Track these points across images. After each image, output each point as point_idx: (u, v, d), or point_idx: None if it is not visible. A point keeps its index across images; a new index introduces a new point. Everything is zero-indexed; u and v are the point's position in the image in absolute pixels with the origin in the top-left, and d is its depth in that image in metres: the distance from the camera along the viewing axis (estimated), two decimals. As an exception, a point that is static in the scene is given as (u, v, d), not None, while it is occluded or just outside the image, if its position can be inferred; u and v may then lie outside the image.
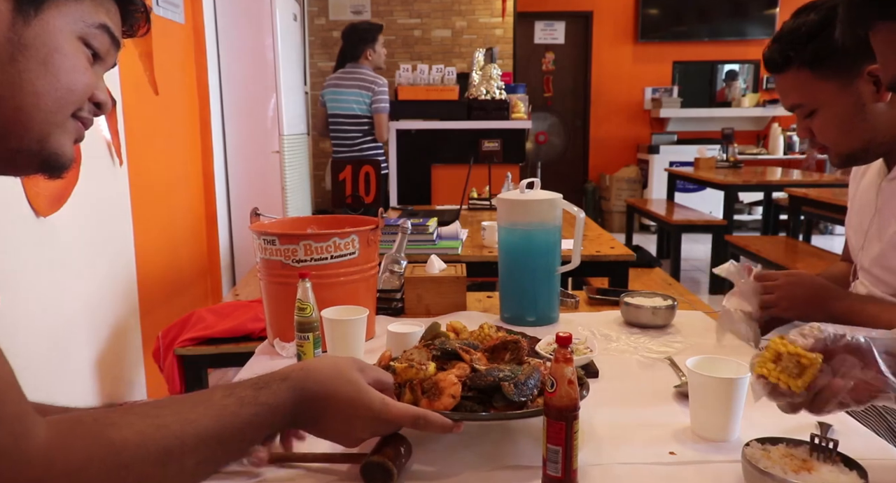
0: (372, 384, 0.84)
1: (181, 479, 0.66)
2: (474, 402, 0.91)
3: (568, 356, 0.82)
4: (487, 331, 1.12)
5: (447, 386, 0.89)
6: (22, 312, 1.85)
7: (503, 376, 0.91)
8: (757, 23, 7.62)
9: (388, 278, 1.63)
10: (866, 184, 1.34)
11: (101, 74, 0.75)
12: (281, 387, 0.76)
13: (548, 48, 7.84)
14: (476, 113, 4.55)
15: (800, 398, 0.82)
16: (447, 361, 0.99)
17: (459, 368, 0.94)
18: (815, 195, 4.17)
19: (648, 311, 1.49)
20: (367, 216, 1.50)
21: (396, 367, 0.94)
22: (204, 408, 0.69)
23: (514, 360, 1.01)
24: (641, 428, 1.02)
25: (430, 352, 1.01)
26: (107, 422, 0.63)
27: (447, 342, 1.03)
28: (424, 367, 0.93)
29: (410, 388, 0.92)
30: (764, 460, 0.82)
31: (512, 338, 1.03)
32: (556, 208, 1.53)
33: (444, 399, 0.89)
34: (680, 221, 4.92)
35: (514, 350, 1.02)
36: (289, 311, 1.19)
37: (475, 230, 2.69)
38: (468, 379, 0.92)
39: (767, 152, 7.47)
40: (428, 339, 1.12)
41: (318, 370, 0.80)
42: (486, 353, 1.02)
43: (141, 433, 0.63)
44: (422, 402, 0.90)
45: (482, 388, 0.91)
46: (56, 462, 0.57)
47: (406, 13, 6.48)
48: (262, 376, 0.78)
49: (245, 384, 0.75)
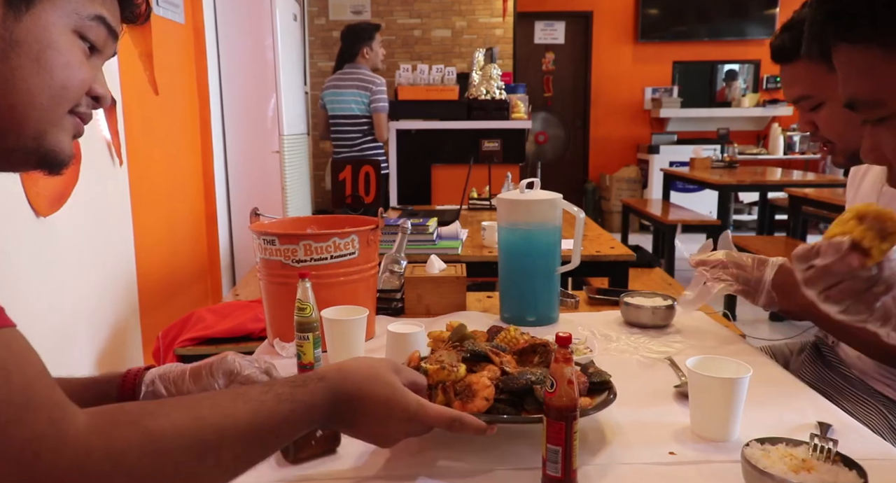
0: (407, 385, 0.83)
1: (217, 473, 0.66)
2: (506, 404, 0.91)
3: (568, 356, 0.82)
4: (514, 334, 1.12)
5: (481, 389, 0.90)
6: (22, 312, 1.84)
7: (535, 379, 0.92)
8: (757, 23, 7.62)
9: (387, 278, 1.63)
10: (867, 187, 1.33)
11: (98, 67, 0.73)
12: (318, 386, 0.75)
13: (548, 48, 7.83)
14: (476, 113, 4.55)
15: (866, 273, 0.77)
16: (476, 363, 1.00)
17: (489, 371, 0.95)
18: (815, 195, 4.17)
19: (648, 311, 1.49)
20: (367, 216, 1.49)
21: (428, 368, 0.93)
22: (242, 402, 0.69)
23: (543, 363, 1.01)
24: (641, 428, 1.02)
25: (460, 354, 1.01)
26: (145, 411, 0.63)
27: (476, 344, 1.03)
28: (456, 369, 0.93)
29: (443, 389, 0.92)
30: (763, 460, 0.82)
31: (541, 341, 1.03)
32: (556, 208, 1.53)
33: (477, 401, 0.89)
34: (675, 221, 4.92)
35: (542, 353, 1.03)
36: (289, 311, 1.20)
37: (475, 230, 2.69)
38: (500, 382, 0.92)
39: (767, 152, 7.47)
40: (455, 340, 1.12)
41: (355, 371, 0.80)
42: (515, 356, 1.02)
43: (180, 424, 0.62)
44: (455, 404, 0.90)
45: (514, 391, 0.92)
46: (95, 448, 0.57)
47: (406, 13, 6.48)
48: (299, 375, 0.80)
49: (282, 381, 0.75)
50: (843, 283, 0.79)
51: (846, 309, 0.80)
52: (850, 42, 0.74)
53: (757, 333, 3.82)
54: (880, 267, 0.78)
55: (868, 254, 0.77)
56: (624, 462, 0.92)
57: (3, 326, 0.58)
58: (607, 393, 1.00)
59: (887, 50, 0.70)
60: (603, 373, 1.03)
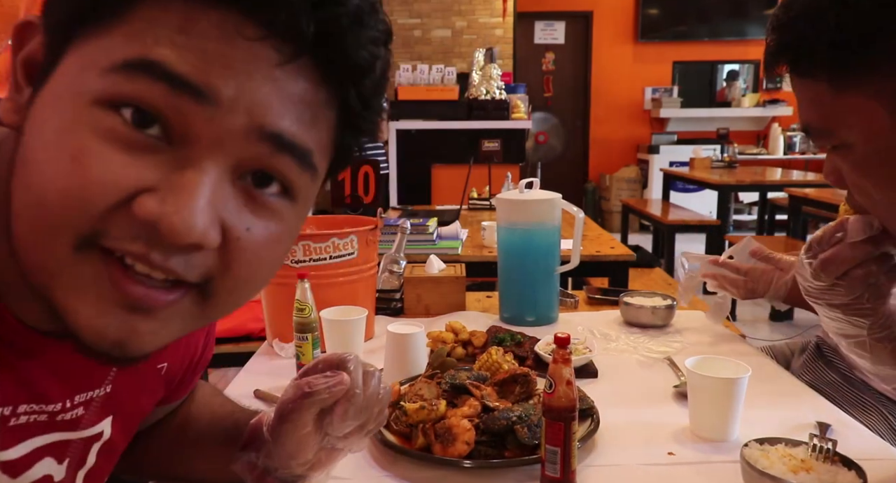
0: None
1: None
2: (487, 445, 0.91)
3: (566, 357, 0.82)
4: (496, 356, 1.11)
5: (461, 432, 0.89)
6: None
7: (516, 419, 0.91)
8: (757, 23, 7.61)
9: (387, 278, 1.63)
10: None
11: (173, 166, 0.42)
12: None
13: (548, 48, 7.83)
14: (476, 113, 4.55)
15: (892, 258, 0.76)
16: (457, 396, 0.99)
17: (470, 406, 0.94)
18: (815, 195, 4.17)
19: (648, 311, 1.49)
20: (366, 216, 1.49)
21: (408, 407, 0.93)
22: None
23: (524, 394, 1.00)
24: (640, 428, 1.02)
25: (440, 387, 1.01)
26: None
27: (456, 375, 1.02)
28: (436, 406, 0.93)
29: (423, 431, 0.92)
30: (762, 460, 0.82)
31: (521, 371, 1.02)
32: (555, 208, 1.53)
33: (458, 446, 0.89)
34: (674, 221, 4.92)
35: (523, 384, 1.01)
36: (288, 311, 1.19)
37: (475, 230, 2.69)
38: (480, 422, 0.92)
39: (767, 152, 7.46)
40: (436, 366, 1.12)
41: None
42: (496, 387, 1.01)
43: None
44: (435, 448, 0.90)
45: (495, 432, 0.91)
46: None
47: (406, 13, 6.47)
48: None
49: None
50: (862, 267, 0.77)
51: (859, 297, 0.78)
52: (799, 75, 0.75)
53: (757, 333, 3.82)
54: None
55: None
56: (623, 462, 0.92)
57: None
58: (590, 421, 0.98)
59: (832, 85, 0.71)
60: (586, 399, 1.01)
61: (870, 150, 0.72)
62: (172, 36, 0.41)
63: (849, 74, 0.69)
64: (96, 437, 0.63)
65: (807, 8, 0.70)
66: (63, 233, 0.41)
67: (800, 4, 0.71)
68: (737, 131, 7.65)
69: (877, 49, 0.67)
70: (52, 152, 0.41)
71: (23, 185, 0.42)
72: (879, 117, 0.70)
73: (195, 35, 0.41)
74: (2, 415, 0.52)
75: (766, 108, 7.62)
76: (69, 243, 0.42)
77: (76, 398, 0.58)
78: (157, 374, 0.71)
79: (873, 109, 0.70)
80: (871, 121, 0.70)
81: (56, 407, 0.55)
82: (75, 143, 0.40)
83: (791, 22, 0.72)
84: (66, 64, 0.42)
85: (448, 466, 0.89)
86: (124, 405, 0.66)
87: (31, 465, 0.55)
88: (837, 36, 0.67)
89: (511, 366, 1.09)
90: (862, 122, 0.71)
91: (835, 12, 0.66)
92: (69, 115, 0.41)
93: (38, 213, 0.41)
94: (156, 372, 0.70)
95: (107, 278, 0.43)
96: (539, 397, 0.98)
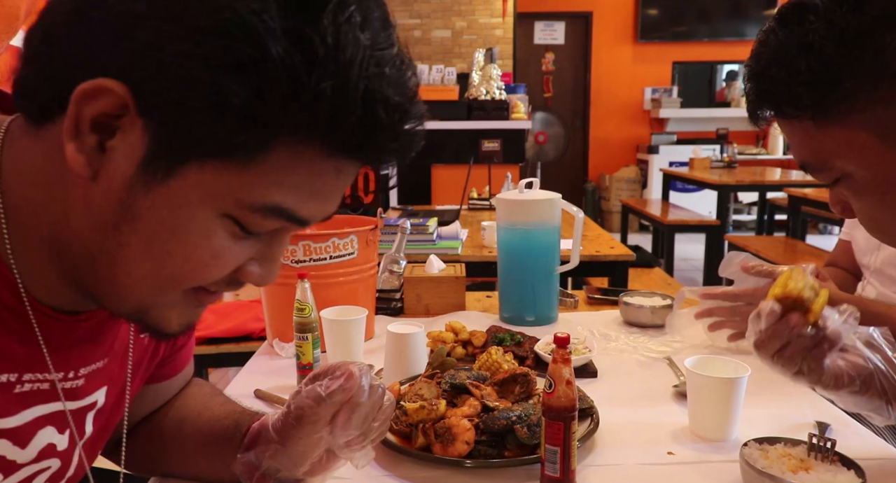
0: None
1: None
2: (487, 445, 0.91)
3: (566, 356, 0.82)
4: (496, 356, 1.11)
5: (461, 432, 0.89)
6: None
7: (515, 419, 0.91)
8: (757, 23, 7.61)
9: (387, 278, 1.63)
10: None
11: (268, 243, 0.59)
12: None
13: (548, 48, 7.83)
14: (476, 113, 4.55)
15: (809, 332, 0.79)
16: (457, 396, 0.99)
17: (470, 406, 0.94)
18: (814, 195, 4.17)
19: (648, 311, 1.49)
20: (366, 216, 1.50)
21: (408, 407, 0.93)
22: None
23: (524, 394, 1.00)
24: (640, 428, 1.02)
25: (440, 387, 1.01)
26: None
27: (456, 375, 1.02)
28: (436, 406, 0.93)
29: (423, 431, 0.92)
30: (762, 460, 0.82)
31: (521, 371, 1.02)
32: (555, 208, 1.53)
33: (458, 445, 0.89)
34: (674, 222, 4.93)
35: (523, 383, 1.01)
36: (288, 311, 1.20)
37: (475, 230, 2.69)
38: (480, 422, 0.92)
39: (767, 152, 7.47)
40: (435, 366, 1.12)
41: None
42: (496, 387, 1.01)
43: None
44: (435, 447, 0.90)
45: (495, 432, 0.91)
46: None
47: (406, 13, 6.48)
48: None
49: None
50: (790, 345, 0.80)
51: (798, 371, 0.81)
52: (784, 117, 0.77)
53: (756, 333, 3.80)
54: (821, 325, 0.80)
55: (808, 310, 0.79)
56: (622, 462, 0.92)
57: None
58: (589, 421, 0.98)
59: (816, 122, 0.73)
60: (586, 398, 1.02)
61: (868, 177, 0.75)
62: (299, 181, 0.53)
63: (830, 111, 0.72)
64: (91, 406, 0.69)
65: (775, 56, 0.73)
66: (182, 287, 0.57)
67: (768, 55, 0.74)
68: (736, 131, 7.64)
69: (850, 86, 0.69)
70: (191, 243, 0.53)
71: (151, 253, 0.54)
72: (870, 145, 0.72)
73: (317, 180, 0.54)
74: (8, 381, 0.59)
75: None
76: (182, 291, 0.58)
77: (80, 371, 0.66)
78: (144, 346, 0.77)
79: (862, 139, 0.72)
80: (863, 149, 0.73)
81: (59, 376, 0.63)
82: (216, 246, 0.54)
83: (764, 70, 0.75)
84: (192, 176, 0.51)
85: (448, 466, 0.89)
86: (116, 376, 0.72)
87: (35, 433, 0.62)
88: (811, 78, 0.70)
89: (511, 366, 1.09)
90: (855, 152, 0.73)
91: (803, 58, 0.69)
92: (204, 222, 0.53)
93: (167, 277, 0.55)
94: (141, 342, 0.76)
95: (195, 301, 0.60)
96: (539, 397, 0.98)
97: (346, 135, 0.51)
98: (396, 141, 0.54)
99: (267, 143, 0.50)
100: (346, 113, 0.50)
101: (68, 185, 0.54)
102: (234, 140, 0.50)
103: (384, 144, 0.54)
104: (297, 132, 0.50)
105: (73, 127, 0.50)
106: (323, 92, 0.48)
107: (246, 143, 0.50)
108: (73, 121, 0.50)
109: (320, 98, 0.48)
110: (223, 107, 0.48)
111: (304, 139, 0.51)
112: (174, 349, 0.85)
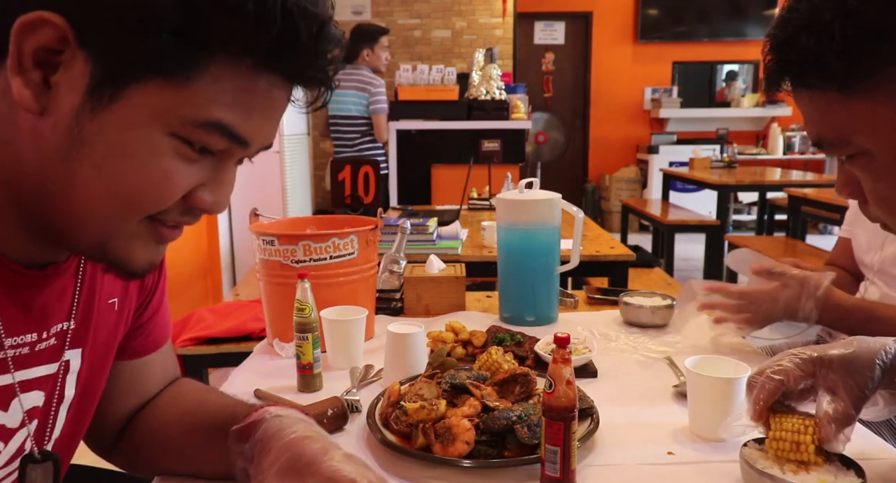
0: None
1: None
2: (487, 445, 0.91)
3: (566, 356, 0.82)
4: (496, 356, 1.10)
5: (461, 432, 0.89)
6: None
7: (515, 419, 0.91)
8: (756, 23, 7.62)
9: (387, 278, 1.63)
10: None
11: (217, 167, 0.62)
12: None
13: (548, 48, 7.84)
14: (476, 113, 4.55)
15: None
16: (456, 395, 0.99)
17: (470, 405, 0.94)
18: (814, 195, 4.17)
19: (648, 311, 1.49)
20: (366, 216, 1.50)
21: (408, 407, 0.93)
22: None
23: (524, 394, 1.00)
24: (640, 428, 1.02)
25: (440, 387, 1.01)
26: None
27: (456, 375, 1.02)
28: (436, 406, 0.93)
29: (423, 431, 0.91)
30: (762, 460, 0.82)
31: (521, 370, 1.02)
32: (555, 208, 1.53)
33: (458, 445, 0.89)
34: (674, 222, 4.93)
35: (523, 383, 1.01)
36: (288, 311, 1.20)
37: (475, 230, 2.69)
38: (481, 422, 0.92)
39: (767, 152, 7.47)
40: (435, 366, 1.12)
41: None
42: (496, 387, 1.01)
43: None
44: (435, 447, 0.90)
45: (495, 432, 0.91)
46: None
47: (406, 13, 6.48)
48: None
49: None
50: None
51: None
52: (806, 87, 0.75)
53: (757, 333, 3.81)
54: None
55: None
56: (622, 462, 0.92)
57: None
58: (589, 421, 0.98)
59: (843, 93, 0.71)
60: (586, 398, 1.01)
61: (889, 157, 0.72)
62: (236, 98, 0.57)
63: (860, 81, 0.69)
64: (67, 366, 0.73)
65: (807, 22, 0.70)
66: (138, 214, 0.59)
67: (798, 21, 0.71)
68: (736, 131, 7.66)
69: (885, 53, 0.67)
70: (140, 164, 0.56)
71: (102, 176, 0.56)
72: (895, 121, 0.69)
73: (251, 97, 0.58)
74: None
75: (766, 109, 7.62)
76: (139, 219, 0.59)
77: (52, 329, 0.69)
78: (110, 309, 0.79)
79: (888, 115, 0.70)
80: (887, 126, 0.70)
81: (33, 337, 0.67)
82: (164, 165, 0.57)
83: (792, 38, 0.72)
84: (136, 97, 0.54)
85: (448, 466, 0.89)
86: (89, 340, 0.75)
87: (16, 397, 0.65)
88: (845, 45, 0.67)
89: (511, 366, 1.09)
90: (878, 128, 0.71)
91: (839, 23, 0.66)
92: (151, 142, 0.56)
93: (121, 201, 0.57)
94: (109, 308, 0.79)
95: (155, 234, 0.62)
96: (539, 397, 0.98)
97: (269, 48, 0.55)
98: (317, 57, 0.58)
99: (201, 59, 0.54)
100: (268, 24, 0.53)
101: (17, 126, 0.56)
102: (170, 57, 0.53)
103: (306, 60, 0.58)
104: (228, 48, 0.55)
105: (16, 62, 0.53)
106: (244, 4, 0.52)
107: (181, 60, 0.54)
108: (16, 56, 0.53)
109: (243, 11, 0.53)
110: (155, 24, 0.52)
111: (236, 56, 0.55)
112: (143, 320, 0.86)
